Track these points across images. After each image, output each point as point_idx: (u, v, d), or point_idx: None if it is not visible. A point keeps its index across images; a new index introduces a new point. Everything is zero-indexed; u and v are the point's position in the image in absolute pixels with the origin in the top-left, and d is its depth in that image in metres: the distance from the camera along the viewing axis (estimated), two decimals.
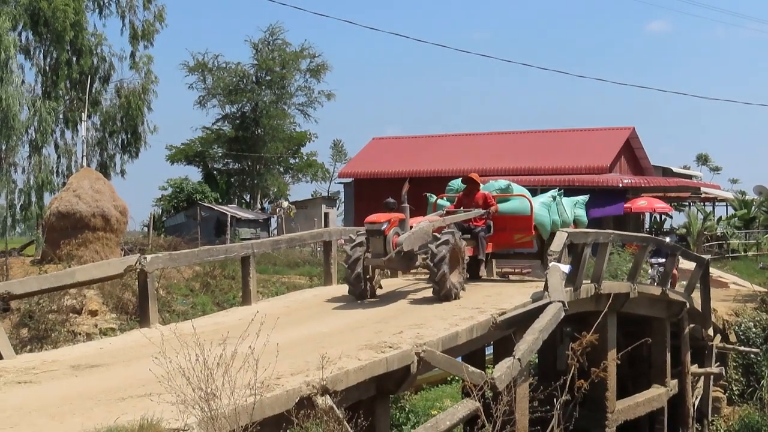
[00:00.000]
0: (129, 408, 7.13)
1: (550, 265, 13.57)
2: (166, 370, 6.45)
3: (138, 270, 12.64)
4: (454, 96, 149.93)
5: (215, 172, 64.78)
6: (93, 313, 22.02)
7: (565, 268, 14.27)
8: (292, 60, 62.98)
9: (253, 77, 63.39)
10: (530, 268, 24.24)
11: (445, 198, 17.63)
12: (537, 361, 18.98)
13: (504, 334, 12.60)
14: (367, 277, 14.23)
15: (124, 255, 25.71)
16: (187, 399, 6.20)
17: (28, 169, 40.08)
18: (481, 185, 16.78)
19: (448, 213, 15.88)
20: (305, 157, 70.07)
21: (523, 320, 12.20)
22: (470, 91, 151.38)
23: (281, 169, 68.34)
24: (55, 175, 41.26)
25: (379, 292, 14.70)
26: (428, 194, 17.91)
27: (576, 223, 18.00)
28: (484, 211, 16.01)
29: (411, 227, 14.07)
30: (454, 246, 13.66)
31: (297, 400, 7.55)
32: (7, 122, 36.79)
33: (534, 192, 18.40)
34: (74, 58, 41.60)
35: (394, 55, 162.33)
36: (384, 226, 13.50)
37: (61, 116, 41.32)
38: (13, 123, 36.92)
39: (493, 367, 10.93)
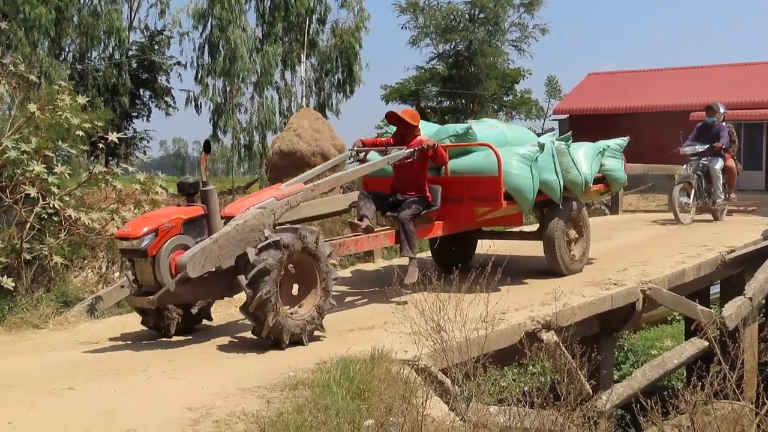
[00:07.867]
0: (359, 339, 7.34)
1: None
2: (399, 303, 6.57)
3: None
4: (672, 29, 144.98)
5: (429, 111, 65.21)
6: None
7: None
8: None
9: (467, 15, 63.18)
10: (755, 205, 23.28)
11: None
12: (764, 301, 18.28)
13: (732, 272, 12.23)
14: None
15: (342, 193, 26.31)
16: (420, 330, 6.32)
17: (251, 110, 41.87)
18: (421, 128, 9.90)
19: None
20: (519, 95, 69.36)
21: (754, 258, 11.78)
22: (689, 24, 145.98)
23: (495, 107, 68.00)
24: (276, 114, 42.84)
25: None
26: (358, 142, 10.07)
27: (606, 179, 11.77)
28: (409, 150, 9.29)
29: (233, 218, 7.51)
30: (297, 252, 7.35)
31: (522, 335, 7.58)
32: (236, 64, 38.53)
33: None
34: (291, 1, 42.74)
35: None
36: (146, 243, 7.15)
37: (280, 58, 42.64)
38: (240, 65, 38.68)
39: (720, 307, 10.63)
